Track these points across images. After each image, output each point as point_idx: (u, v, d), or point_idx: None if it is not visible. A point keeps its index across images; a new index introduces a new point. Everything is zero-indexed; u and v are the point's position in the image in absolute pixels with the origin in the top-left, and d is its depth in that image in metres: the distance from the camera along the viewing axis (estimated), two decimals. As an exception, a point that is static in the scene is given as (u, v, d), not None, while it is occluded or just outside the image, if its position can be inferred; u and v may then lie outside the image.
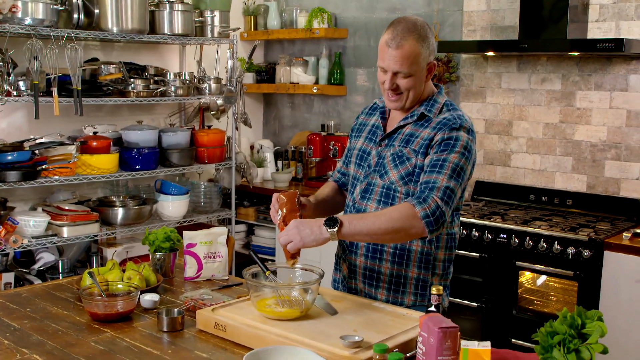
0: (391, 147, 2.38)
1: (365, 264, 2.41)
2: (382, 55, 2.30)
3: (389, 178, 2.35)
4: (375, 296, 2.40)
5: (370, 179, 2.40)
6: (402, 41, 2.25)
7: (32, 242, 3.78)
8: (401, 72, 2.28)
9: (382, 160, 2.38)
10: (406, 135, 2.36)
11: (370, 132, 2.49)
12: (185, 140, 4.56)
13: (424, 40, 2.28)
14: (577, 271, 3.53)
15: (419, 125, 2.36)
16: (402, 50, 2.25)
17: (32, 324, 2.23)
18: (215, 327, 2.11)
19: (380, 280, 2.39)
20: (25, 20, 3.73)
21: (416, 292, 2.39)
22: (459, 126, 2.30)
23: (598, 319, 1.65)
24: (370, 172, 2.41)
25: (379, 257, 2.38)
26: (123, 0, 4.11)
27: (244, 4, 5.55)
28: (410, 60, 2.26)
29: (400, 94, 2.33)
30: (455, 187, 2.22)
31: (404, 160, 2.33)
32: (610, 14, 3.95)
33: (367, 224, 2.15)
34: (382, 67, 2.31)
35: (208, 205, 4.78)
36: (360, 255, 2.41)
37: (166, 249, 2.77)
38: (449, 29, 4.66)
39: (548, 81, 4.23)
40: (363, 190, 2.41)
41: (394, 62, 2.27)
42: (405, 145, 2.34)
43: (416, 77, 2.30)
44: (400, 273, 2.37)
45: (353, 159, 2.51)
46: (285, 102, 5.71)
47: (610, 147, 4.02)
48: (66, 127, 4.33)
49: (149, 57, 4.84)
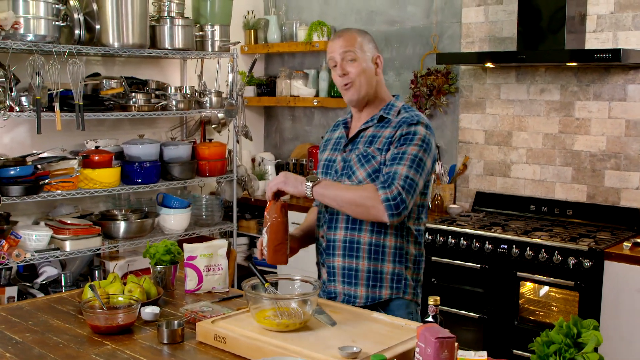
0: (355, 150, 2.50)
1: (344, 264, 2.49)
2: (329, 51, 2.51)
3: (356, 177, 2.45)
4: (355, 294, 2.49)
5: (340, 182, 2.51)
6: (342, 33, 2.50)
7: (34, 256, 3.80)
8: (347, 51, 2.45)
9: (349, 163, 2.50)
10: (369, 137, 2.50)
11: (335, 143, 2.63)
12: (186, 153, 4.59)
13: (365, 35, 2.51)
14: (577, 281, 3.54)
15: (379, 127, 2.50)
16: (343, 37, 2.48)
17: (33, 337, 2.25)
18: (215, 338, 2.12)
19: (358, 278, 2.48)
20: (28, 36, 3.76)
21: (392, 285, 2.48)
22: (417, 122, 2.43)
23: (594, 328, 1.66)
24: (338, 176, 2.53)
25: (356, 255, 2.48)
26: (124, 15, 4.15)
27: (244, 17, 5.58)
28: (353, 44, 2.46)
29: (352, 82, 2.47)
30: (415, 176, 2.34)
31: (369, 159, 2.44)
32: (607, 24, 3.97)
33: (337, 191, 2.38)
34: (332, 59, 2.49)
35: (210, 218, 4.80)
36: (338, 256, 2.51)
37: (167, 262, 2.79)
38: (448, 40, 4.68)
39: (547, 92, 4.24)
40: None
41: (339, 46, 2.46)
42: (369, 145, 2.47)
43: (363, 62, 2.47)
44: (377, 269, 2.47)
45: (321, 170, 2.64)
46: (286, 115, 5.73)
47: (609, 157, 4.03)
48: (68, 142, 4.35)
49: (150, 72, 4.88)
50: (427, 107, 4.71)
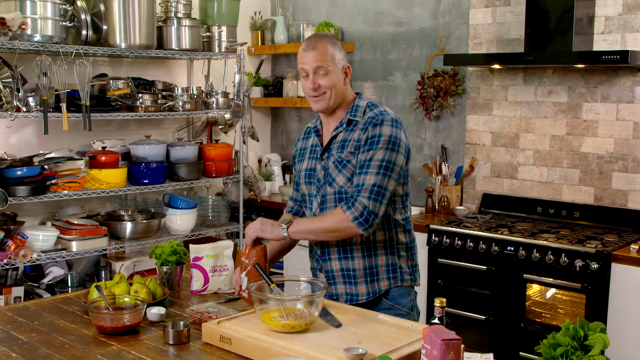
0: (330, 157, 2.57)
1: (341, 266, 2.58)
2: (301, 60, 2.53)
3: (337, 184, 2.53)
4: (357, 292, 2.57)
5: (323, 191, 2.58)
6: (316, 44, 2.51)
7: (41, 257, 3.81)
8: (320, 66, 2.48)
9: (328, 171, 2.57)
10: (340, 142, 2.56)
11: (311, 151, 2.69)
12: (193, 154, 4.59)
13: (336, 44, 2.54)
14: (584, 283, 3.52)
15: (349, 130, 2.56)
16: (317, 49, 2.50)
17: (39, 337, 2.25)
18: (221, 339, 2.12)
19: (357, 277, 2.56)
20: (35, 37, 3.77)
21: (388, 275, 2.58)
22: (381, 121, 2.49)
23: (601, 331, 1.65)
24: (322, 185, 2.59)
25: (351, 256, 2.56)
26: (131, 16, 4.15)
27: (251, 18, 5.58)
28: (326, 57, 2.49)
29: (323, 94, 2.52)
30: (383, 181, 2.42)
31: (344, 164, 2.52)
32: (615, 26, 3.95)
33: (310, 225, 2.50)
34: (303, 69, 2.52)
35: (216, 219, 4.80)
36: (334, 260, 2.59)
37: (173, 263, 2.79)
38: (455, 42, 4.68)
39: (554, 93, 4.23)
40: (320, 203, 2.60)
41: (313, 60, 2.49)
42: (342, 150, 2.54)
43: (334, 75, 2.51)
44: (372, 264, 2.56)
45: (302, 180, 2.69)
46: (293, 116, 5.73)
47: (617, 159, 4.02)
48: (75, 142, 4.36)
49: (157, 72, 4.88)
50: (434, 108, 4.70)
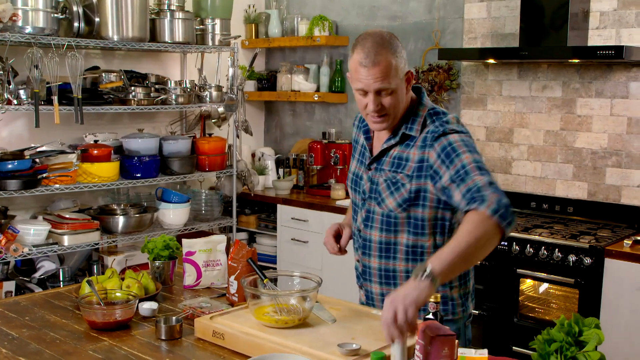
0: (381, 171, 2.28)
1: (382, 290, 2.35)
2: (357, 77, 2.15)
3: (386, 206, 2.26)
4: None
5: (369, 206, 2.32)
6: (376, 57, 2.11)
7: (32, 251, 3.78)
8: (384, 88, 2.14)
9: (376, 187, 2.29)
10: (395, 159, 2.26)
11: (360, 153, 2.43)
12: (186, 148, 4.57)
13: (397, 51, 2.15)
14: (578, 279, 3.52)
15: (404, 146, 2.25)
16: (379, 66, 2.11)
17: (30, 333, 2.23)
18: (214, 335, 2.11)
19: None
20: (26, 28, 3.74)
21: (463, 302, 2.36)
22: (442, 133, 2.17)
23: (595, 327, 1.65)
24: (367, 198, 2.33)
25: (393, 282, 2.32)
26: (124, 8, 4.12)
27: (245, 12, 5.56)
28: (389, 73, 2.12)
29: (385, 115, 2.20)
30: (491, 176, 2.06)
31: (398, 187, 2.23)
32: (610, 21, 3.95)
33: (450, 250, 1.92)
34: (361, 89, 2.16)
35: (209, 213, 4.78)
36: (375, 282, 2.36)
37: (165, 257, 2.77)
38: (450, 36, 4.66)
39: (549, 88, 4.22)
40: (365, 219, 2.34)
41: (374, 79, 2.12)
42: (396, 170, 2.24)
43: (399, 91, 2.18)
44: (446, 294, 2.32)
45: (350, 183, 2.44)
46: (287, 109, 5.71)
47: (611, 155, 4.01)
48: (67, 136, 4.34)
49: (149, 65, 4.85)
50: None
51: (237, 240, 2.57)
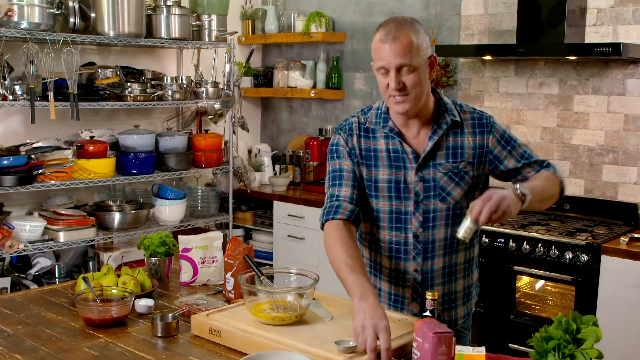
0: (437, 166, 2.21)
1: (443, 291, 2.30)
2: (379, 55, 2.11)
3: (453, 199, 2.22)
4: (455, 317, 2.35)
5: (426, 206, 2.22)
6: (397, 33, 2.08)
7: (28, 247, 3.77)
8: (405, 64, 2.08)
9: (435, 184, 2.21)
10: (450, 150, 2.23)
11: (391, 158, 2.24)
12: (182, 144, 4.56)
13: (419, 32, 2.12)
14: (574, 276, 3.52)
15: (452, 134, 2.24)
16: (400, 41, 2.07)
17: (25, 330, 2.22)
18: (210, 332, 2.10)
19: (457, 300, 2.35)
20: (22, 24, 3.72)
21: (476, 292, 2.44)
22: (492, 120, 2.29)
23: (593, 324, 1.64)
24: (421, 199, 2.22)
25: (454, 277, 2.32)
26: (120, 4, 4.10)
27: (242, 8, 5.54)
28: (411, 50, 2.08)
29: (406, 95, 2.12)
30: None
31: (462, 175, 2.22)
32: (607, 18, 3.94)
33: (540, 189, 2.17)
34: (383, 67, 2.11)
35: (205, 209, 4.77)
36: (438, 285, 2.29)
37: (161, 254, 2.76)
38: (447, 33, 4.65)
39: (546, 85, 4.22)
40: (423, 222, 2.23)
41: (395, 55, 2.08)
42: (456, 160, 2.22)
43: (421, 71, 2.12)
44: (469, 283, 2.38)
45: (383, 193, 2.25)
46: (283, 106, 5.70)
47: (607, 152, 4.01)
48: (62, 132, 4.32)
49: (146, 61, 4.84)
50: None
51: (234, 237, 2.56)
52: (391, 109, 2.21)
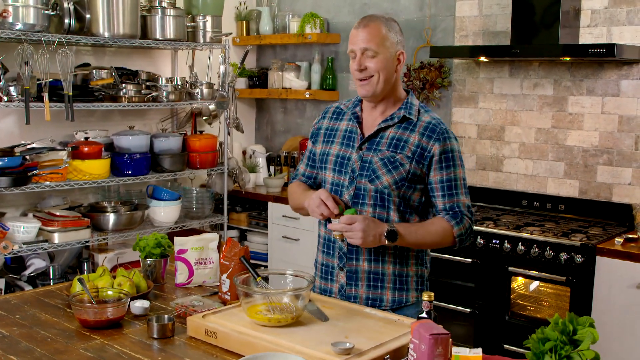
0: (377, 151, 2.40)
1: (369, 268, 2.44)
2: (351, 40, 2.38)
3: (381, 183, 2.37)
4: (382, 298, 2.45)
5: (359, 184, 2.41)
6: (368, 22, 2.36)
7: (22, 248, 3.76)
8: (368, 48, 2.34)
9: (370, 165, 2.39)
10: (392, 140, 2.40)
11: (345, 137, 2.49)
12: (177, 145, 4.55)
13: (391, 27, 2.39)
14: (569, 276, 3.53)
15: (402, 128, 2.41)
16: (368, 28, 2.35)
17: (21, 331, 2.21)
18: (206, 333, 2.10)
19: (384, 282, 2.44)
20: (16, 25, 3.71)
21: (416, 287, 2.50)
22: (447, 134, 2.39)
23: (590, 326, 1.65)
24: (356, 176, 2.41)
25: (382, 259, 2.43)
26: (114, 5, 4.10)
27: (236, 9, 5.54)
28: (377, 38, 2.34)
29: (370, 77, 2.36)
30: (469, 200, 2.43)
31: (397, 165, 2.36)
32: (601, 19, 3.95)
33: (417, 238, 2.35)
34: (352, 50, 2.37)
35: (200, 210, 4.77)
36: (363, 260, 2.44)
37: (157, 255, 2.76)
38: (441, 34, 4.66)
39: (540, 86, 4.23)
40: (353, 196, 2.42)
41: (361, 40, 2.34)
42: (395, 150, 2.38)
43: (384, 58, 2.36)
44: (402, 272, 2.46)
45: (330, 165, 2.50)
46: (278, 107, 5.70)
47: (602, 153, 4.02)
48: (57, 133, 4.31)
49: (140, 62, 4.83)
50: (420, 100, 4.69)
51: (230, 238, 2.56)
52: (358, 91, 2.43)
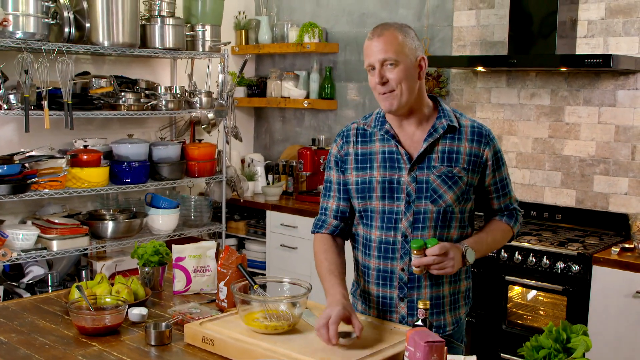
0: (432, 169, 2.24)
1: (431, 294, 2.30)
2: (367, 53, 2.21)
3: (445, 202, 2.23)
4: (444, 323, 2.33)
5: (417, 207, 2.24)
6: (382, 31, 2.19)
7: (21, 256, 3.77)
8: (387, 58, 2.16)
9: (428, 185, 2.23)
10: (444, 153, 2.25)
11: (385, 159, 2.28)
12: (175, 153, 4.57)
13: (407, 32, 2.21)
14: (566, 286, 3.54)
15: (449, 139, 2.27)
16: (383, 37, 2.17)
17: (19, 338, 2.22)
18: (203, 340, 2.11)
19: (444, 305, 2.33)
20: (17, 33, 3.73)
21: (465, 302, 2.42)
22: (493, 136, 2.34)
23: (583, 334, 1.66)
24: (413, 200, 2.24)
25: (441, 281, 2.31)
26: (114, 14, 4.12)
27: (235, 18, 5.57)
28: (394, 46, 2.16)
29: (392, 91, 2.18)
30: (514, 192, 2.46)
31: (456, 180, 2.24)
32: (598, 29, 3.98)
33: (487, 250, 2.38)
34: (370, 64, 2.20)
35: (198, 219, 4.78)
36: (424, 287, 2.29)
37: (155, 263, 2.77)
38: (439, 44, 4.69)
39: (537, 96, 4.25)
40: (412, 222, 2.25)
41: (378, 51, 2.17)
42: (450, 164, 2.24)
43: (405, 67, 2.17)
44: (455, 289, 2.37)
45: (376, 194, 2.27)
46: (276, 116, 5.72)
47: (598, 162, 4.04)
48: (56, 141, 4.33)
49: (140, 71, 4.85)
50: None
51: (227, 246, 2.57)
52: (381, 108, 2.28)
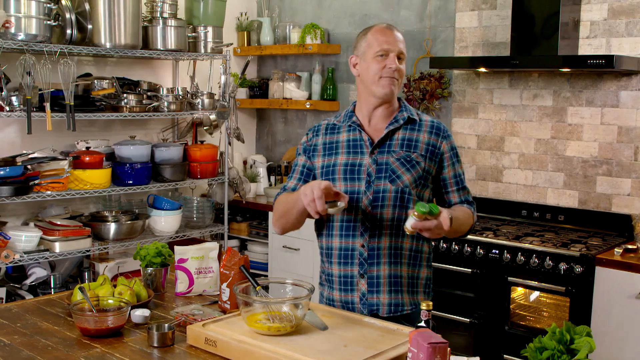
0: (391, 152, 2.45)
1: (389, 272, 2.45)
2: (383, 39, 2.42)
3: (402, 182, 2.41)
4: (402, 302, 2.47)
5: (377, 187, 2.42)
6: (393, 27, 2.47)
7: (23, 258, 3.77)
8: (403, 52, 2.45)
9: (388, 166, 2.42)
10: (404, 140, 2.47)
11: (350, 146, 2.50)
12: (178, 155, 4.57)
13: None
14: (568, 287, 3.54)
15: (409, 129, 2.50)
16: (398, 33, 2.46)
17: (22, 340, 2.22)
18: (206, 342, 2.11)
19: (402, 285, 2.47)
20: (19, 35, 3.74)
21: (425, 290, 2.56)
22: (450, 133, 2.55)
23: (587, 335, 1.66)
24: (373, 180, 2.42)
25: (400, 261, 2.46)
26: (116, 15, 4.13)
27: (237, 19, 5.57)
28: (404, 44, 2.47)
29: (397, 79, 2.45)
30: None
31: (414, 164, 2.43)
32: (601, 30, 3.98)
33: (459, 223, 2.42)
34: (386, 50, 2.41)
35: (201, 220, 4.78)
36: (383, 264, 2.44)
37: (157, 264, 2.77)
38: (441, 45, 4.68)
39: (539, 97, 4.25)
40: (372, 200, 2.41)
41: (399, 42, 2.44)
42: (409, 150, 2.45)
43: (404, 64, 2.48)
44: (415, 274, 2.51)
45: (339, 175, 2.46)
46: (278, 117, 5.72)
47: (601, 163, 4.04)
48: (59, 142, 4.33)
49: (142, 73, 4.85)
50: (420, 111, 4.71)
51: (230, 247, 2.57)
52: (376, 92, 2.45)
